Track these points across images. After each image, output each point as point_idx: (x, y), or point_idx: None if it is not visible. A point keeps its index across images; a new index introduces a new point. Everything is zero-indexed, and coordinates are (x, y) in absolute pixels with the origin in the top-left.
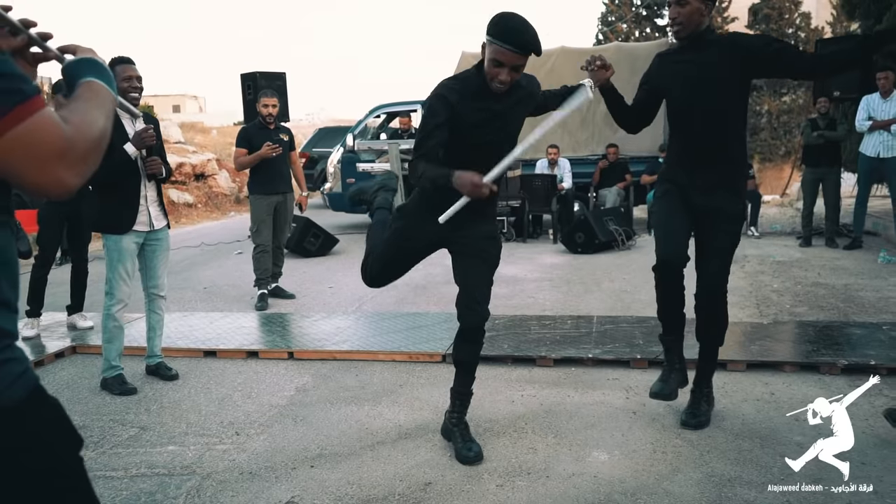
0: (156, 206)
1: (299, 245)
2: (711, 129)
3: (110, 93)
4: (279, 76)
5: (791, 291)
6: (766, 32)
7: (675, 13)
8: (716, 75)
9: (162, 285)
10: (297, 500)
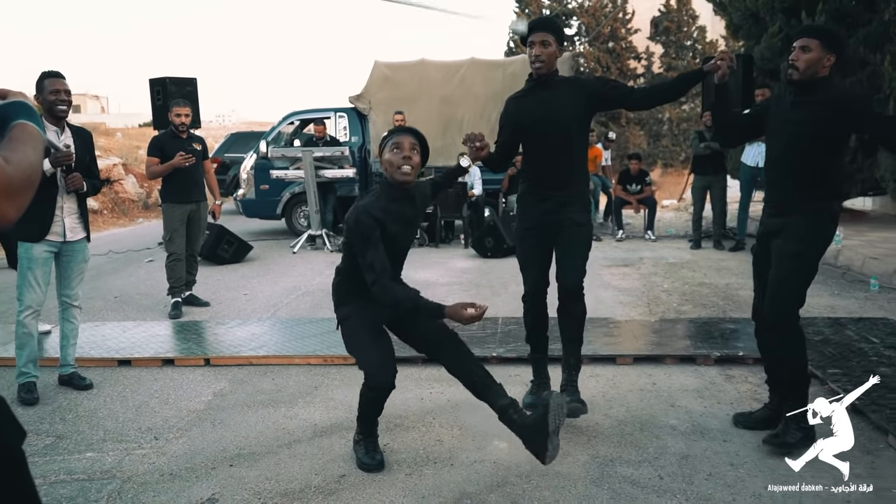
0: (73, 217)
1: (212, 252)
2: (562, 156)
3: (40, 133)
4: (189, 82)
5: (679, 291)
6: (667, 43)
7: (539, 52)
8: (567, 110)
9: (75, 295)
10: (217, 497)
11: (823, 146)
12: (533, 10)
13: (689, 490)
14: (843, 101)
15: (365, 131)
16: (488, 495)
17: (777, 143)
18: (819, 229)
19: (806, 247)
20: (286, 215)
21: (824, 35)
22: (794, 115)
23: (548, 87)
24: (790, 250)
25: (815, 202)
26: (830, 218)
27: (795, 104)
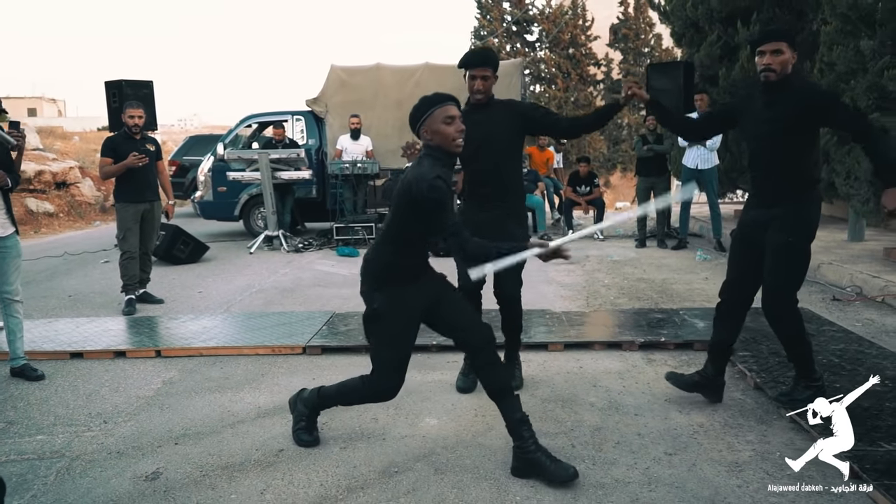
0: (1, 213)
1: (168, 253)
2: (495, 174)
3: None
4: (146, 84)
5: (618, 286)
6: (625, 50)
7: (481, 85)
8: (501, 129)
9: (15, 290)
10: (161, 471)
11: (798, 140)
12: (494, 15)
13: (597, 456)
14: (811, 95)
15: (322, 134)
16: (415, 464)
17: (754, 142)
18: (804, 217)
19: (795, 235)
20: (244, 217)
21: (790, 36)
22: (769, 113)
23: (486, 108)
24: (781, 241)
25: (797, 193)
26: (812, 205)
27: (768, 103)
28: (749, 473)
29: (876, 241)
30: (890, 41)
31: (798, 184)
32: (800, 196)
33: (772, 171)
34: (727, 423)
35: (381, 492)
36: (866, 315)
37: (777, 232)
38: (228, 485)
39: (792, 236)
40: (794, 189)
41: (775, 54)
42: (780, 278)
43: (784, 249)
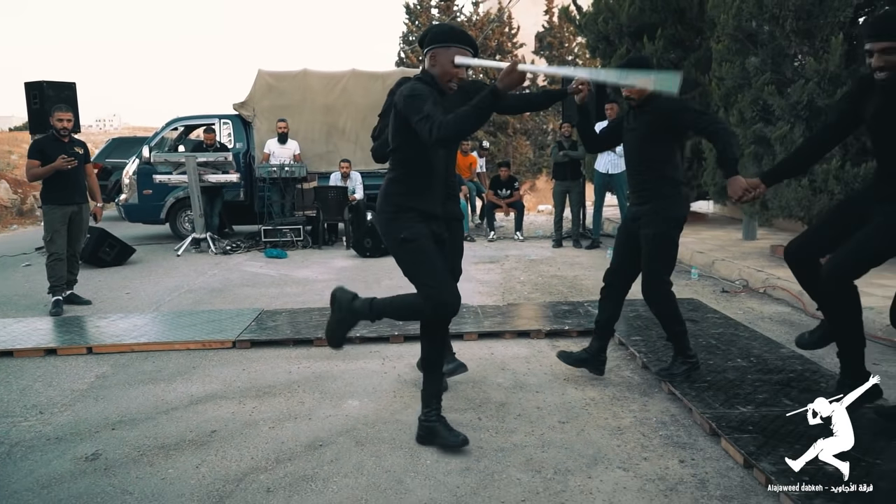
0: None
1: (94, 255)
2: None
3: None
4: (68, 86)
5: (532, 282)
6: (550, 58)
7: None
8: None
9: None
10: (100, 453)
11: (657, 145)
12: (423, 21)
13: (500, 426)
14: (663, 107)
15: (249, 138)
16: (338, 438)
17: (627, 149)
18: (667, 212)
19: (661, 228)
20: (170, 220)
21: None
22: (634, 123)
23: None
24: (650, 233)
25: (661, 191)
26: (675, 202)
27: (635, 115)
28: (628, 436)
29: (766, 240)
30: (770, 59)
31: (662, 184)
32: (663, 194)
33: (640, 173)
34: (615, 396)
35: (306, 462)
36: (748, 304)
37: (646, 225)
38: (165, 461)
39: (658, 228)
40: (659, 188)
41: None
42: (653, 265)
43: (654, 240)
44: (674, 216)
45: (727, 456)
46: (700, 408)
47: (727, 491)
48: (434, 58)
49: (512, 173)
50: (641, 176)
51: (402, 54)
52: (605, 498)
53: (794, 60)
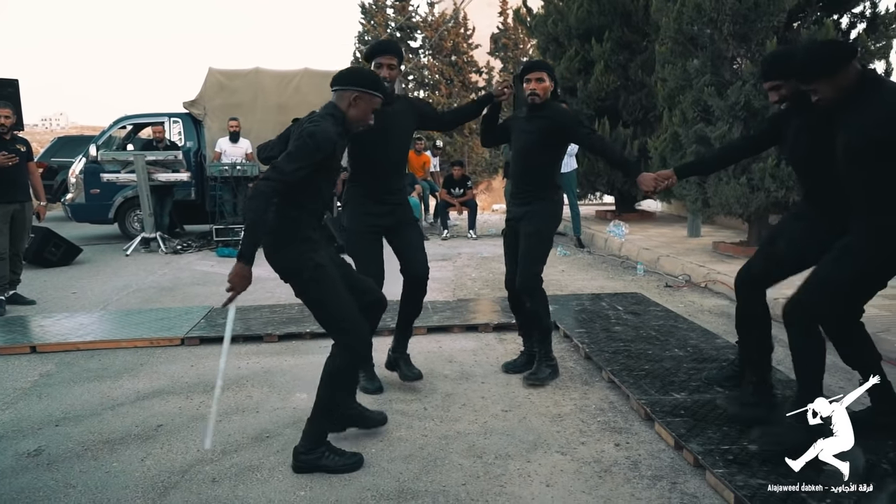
0: None
1: (39, 255)
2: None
3: None
4: (10, 83)
5: (483, 279)
6: (505, 59)
7: (387, 73)
8: (402, 122)
9: None
10: (43, 448)
11: (546, 151)
12: (378, 21)
13: (445, 415)
14: (559, 118)
15: (200, 136)
16: (284, 430)
17: (516, 149)
18: (549, 212)
19: (543, 226)
20: (119, 219)
21: (551, 68)
22: (528, 126)
23: (388, 103)
24: (531, 229)
25: (544, 193)
26: (555, 204)
27: (529, 119)
28: (567, 422)
29: (710, 237)
30: (710, 62)
31: (545, 187)
32: (546, 196)
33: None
34: (557, 385)
35: (252, 453)
36: (690, 298)
37: (528, 222)
38: (110, 455)
39: (540, 225)
40: (542, 190)
41: (539, 81)
42: (530, 258)
43: (533, 236)
44: (555, 215)
45: (660, 439)
46: (637, 394)
47: (658, 471)
48: (353, 101)
49: (466, 172)
50: (526, 178)
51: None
52: (542, 480)
53: (732, 63)
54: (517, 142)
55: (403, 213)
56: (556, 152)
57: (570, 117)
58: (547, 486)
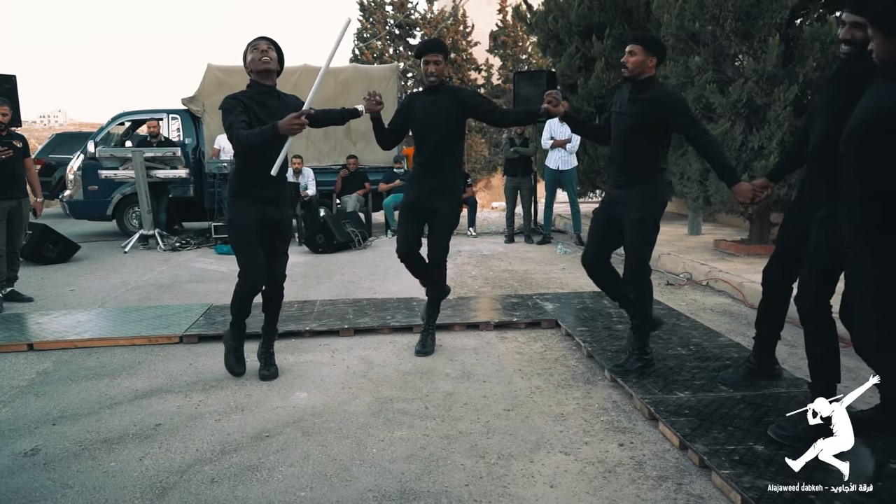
0: None
1: (37, 252)
2: (438, 149)
3: None
4: (8, 79)
5: (483, 276)
6: (504, 56)
7: (433, 68)
8: (443, 112)
9: None
10: (40, 448)
11: (646, 134)
12: (377, 18)
13: (447, 414)
14: (663, 100)
15: (199, 133)
16: (284, 429)
17: (615, 130)
18: (650, 195)
19: (647, 213)
20: (117, 216)
21: (646, 41)
22: (628, 108)
23: (437, 92)
24: (636, 217)
25: (645, 176)
26: (657, 189)
27: (630, 99)
28: (570, 421)
29: (710, 235)
30: (712, 59)
31: (645, 171)
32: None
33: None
34: (559, 385)
35: (252, 452)
36: (692, 296)
37: (627, 208)
38: (108, 455)
39: (641, 212)
40: (643, 174)
41: (630, 54)
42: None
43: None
44: (657, 198)
45: (664, 439)
46: (640, 394)
47: (663, 472)
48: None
49: (465, 170)
50: (626, 161)
51: (357, 51)
52: (545, 481)
53: (734, 60)
54: (615, 123)
55: (440, 201)
56: (658, 135)
57: (675, 104)
58: (551, 486)
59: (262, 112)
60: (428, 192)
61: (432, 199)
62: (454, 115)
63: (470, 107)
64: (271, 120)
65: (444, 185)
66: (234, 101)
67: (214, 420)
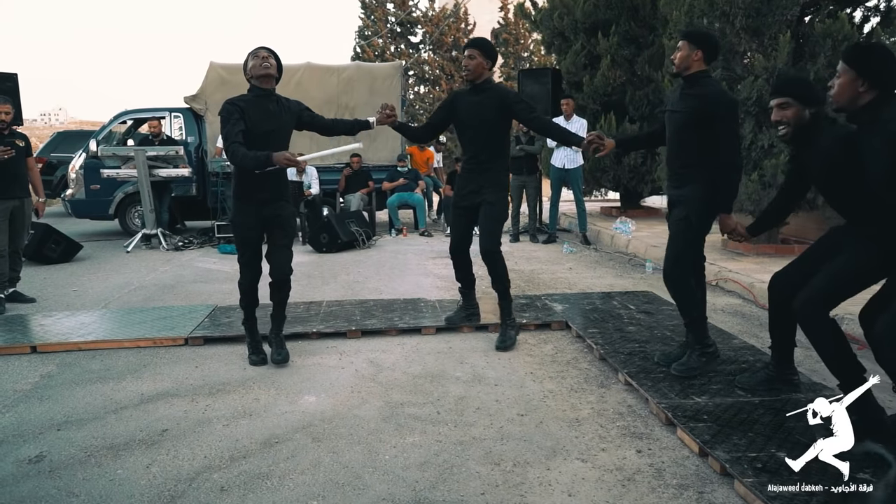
0: None
1: (39, 252)
2: (484, 147)
3: None
4: (9, 77)
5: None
6: (506, 54)
7: (467, 63)
8: (487, 111)
9: None
10: (45, 454)
11: (698, 130)
12: (378, 16)
13: (459, 420)
14: (711, 97)
15: (201, 132)
16: (294, 434)
17: (668, 129)
18: (700, 196)
19: (693, 212)
20: (119, 216)
21: (690, 35)
22: (679, 104)
23: (479, 92)
24: (680, 215)
25: (697, 177)
26: (711, 189)
27: (681, 96)
28: (586, 427)
29: (719, 234)
30: (721, 56)
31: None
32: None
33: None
34: (573, 388)
35: (261, 459)
36: None
37: (678, 207)
38: (114, 462)
39: (688, 211)
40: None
41: (676, 50)
42: (673, 246)
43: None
44: (708, 199)
45: (683, 445)
46: (656, 398)
47: (683, 479)
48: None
49: None
50: (678, 159)
51: (358, 49)
52: (563, 489)
53: (743, 57)
54: (668, 121)
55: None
56: (710, 131)
57: (720, 98)
58: (569, 495)
59: (260, 115)
60: (475, 190)
61: (479, 194)
62: (497, 115)
63: (511, 110)
64: (268, 123)
65: (490, 182)
66: (231, 108)
67: (222, 425)
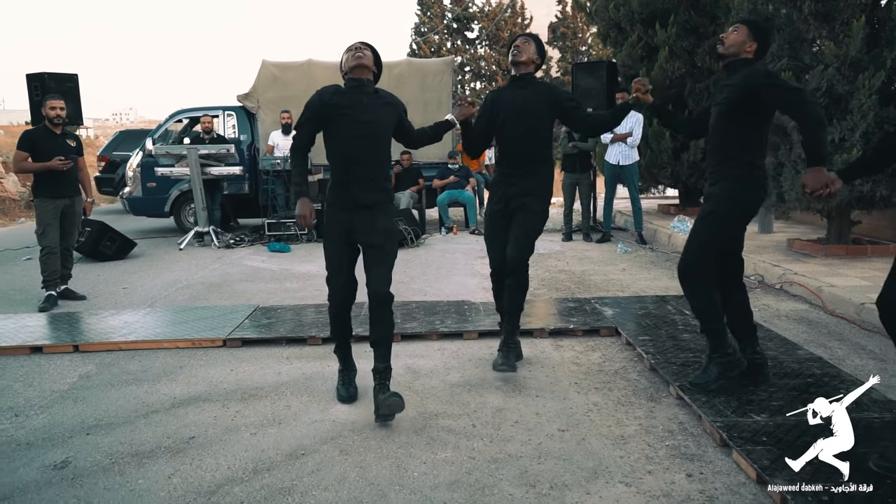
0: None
1: (94, 249)
2: (530, 147)
3: None
4: (70, 78)
5: (539, 277)
6: (564, 48)
7: (522, 46)
8: (534, 108)
9: None
10: (70, 460)
11: (737, 120)
12: (435, 12)
13: (495, 434)
14: (748, 77)
15: (254, 130)
16: (321, 446)
17: (710, 123)
18: (734, 194)
19: (717, 209)
20: (175, 213)
21: (751, 23)
22: (720, 94)
23: (523, 86)
24: (704, 211)
25: (731, 173)
26: (746, 186)
27: (723, 87)
28: (632, 445)
29: (783, 233)
30: (787, 45)
31: (736, 164)
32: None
33: (714, 150)
34: (620, 402)
35: (285, 472)
36: (764, 301)
37: (706, 203)
38: (137, 471)
39: (714, 208)
40: (732, 168)
41: (733, 31)
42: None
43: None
44: (737, 199)
45: (739, 470)
46: (710, 415)
47: None
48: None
49: None
50: (713, 154)
51: (414, 45)
52: None
53: (812, 45)
54: (712, 113)
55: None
56: (750, 120)
57: (761, 76)
58: None
59: (348, 104)
60: (516, 195)
61: (520, 199)
62: (546, 111)
63: (561, 107)
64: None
65: (534, 188)
66: (312, 101)
67: (250, 434)
